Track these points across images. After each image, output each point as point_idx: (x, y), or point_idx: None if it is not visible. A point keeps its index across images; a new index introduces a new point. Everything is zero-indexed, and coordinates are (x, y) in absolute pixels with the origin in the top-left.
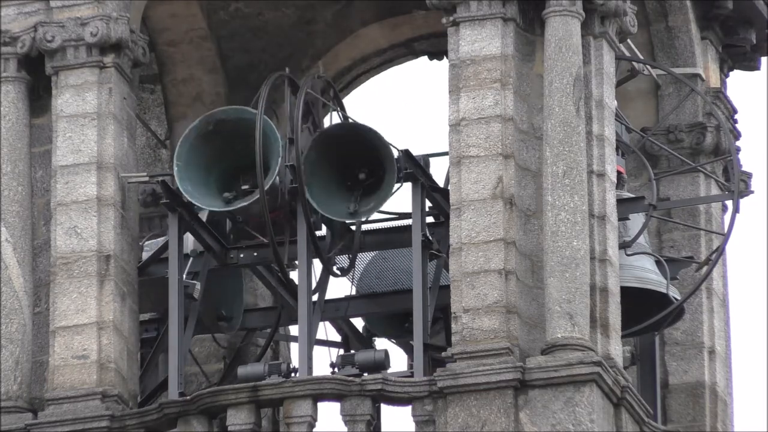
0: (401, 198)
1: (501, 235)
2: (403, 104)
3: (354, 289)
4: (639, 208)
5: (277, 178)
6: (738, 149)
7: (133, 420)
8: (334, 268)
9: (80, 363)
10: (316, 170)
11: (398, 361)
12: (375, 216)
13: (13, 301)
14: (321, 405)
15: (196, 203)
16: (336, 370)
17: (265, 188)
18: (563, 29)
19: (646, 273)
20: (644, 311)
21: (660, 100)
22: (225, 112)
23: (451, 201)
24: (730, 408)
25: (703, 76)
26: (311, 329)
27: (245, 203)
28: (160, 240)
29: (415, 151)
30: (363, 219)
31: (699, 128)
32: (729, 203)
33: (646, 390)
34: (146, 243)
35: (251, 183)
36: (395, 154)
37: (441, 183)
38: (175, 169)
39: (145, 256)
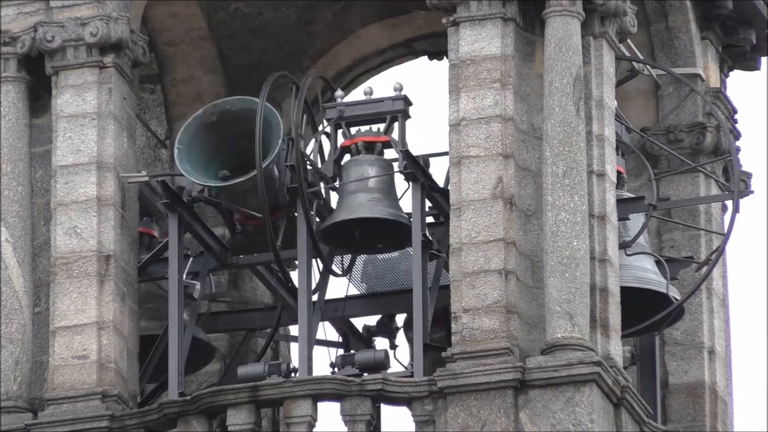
0: (401, 198)
1: (501, 235)
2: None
3: (353, 288)
4: (639, 208)
5: (277, 172)
6: (738, 149)
7: (133, 420)
8: (334, 267)
9: (80, 363)
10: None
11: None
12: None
13: (13, 301)
14: (321, 405)
15: (194, 180)
16: (336, 370)
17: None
18: (563, 29)
19: (646, 273)
20: (644, 311)
21: (660, 100)
22: (229, 102)
23: (451, 201)
24: (730, 408)
25: (703, 76)
26: (311, 329)
27: (240, 179)
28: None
29: (415, 151)
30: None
31: (699, 128)
32: (729, 203)
33: (646, 390)
34: None
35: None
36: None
37: (441, 183)
38: (176, 152)
39: None
